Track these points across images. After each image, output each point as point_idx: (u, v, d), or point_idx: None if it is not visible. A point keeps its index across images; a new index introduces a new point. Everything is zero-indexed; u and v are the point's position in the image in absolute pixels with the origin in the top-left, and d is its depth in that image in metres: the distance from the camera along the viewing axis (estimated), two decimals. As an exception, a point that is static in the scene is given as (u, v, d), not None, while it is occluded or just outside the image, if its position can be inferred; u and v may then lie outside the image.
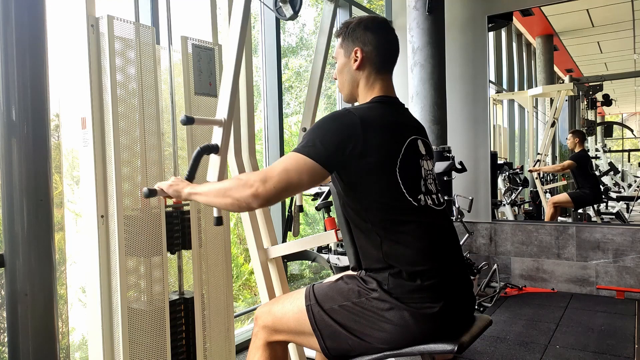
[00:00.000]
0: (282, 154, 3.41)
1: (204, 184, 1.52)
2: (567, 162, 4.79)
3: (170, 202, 1.90)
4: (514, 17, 4.69)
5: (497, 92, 5.15)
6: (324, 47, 2.29)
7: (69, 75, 1.83)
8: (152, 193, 1.57)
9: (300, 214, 2.58)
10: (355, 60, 1.50)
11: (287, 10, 2.19)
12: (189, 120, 1.66)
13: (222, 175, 1.76)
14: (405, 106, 1.57)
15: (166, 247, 1.85)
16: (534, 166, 4.93)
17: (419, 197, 1.40)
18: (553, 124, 4.88)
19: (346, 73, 1.54)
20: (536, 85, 5.27)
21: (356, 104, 1.57)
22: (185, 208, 1.95)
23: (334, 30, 2.24)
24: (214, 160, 1.74)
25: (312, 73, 2.32)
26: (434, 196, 1.46)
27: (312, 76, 2.33)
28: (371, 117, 1.40)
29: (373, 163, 1.35)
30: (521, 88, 5.54)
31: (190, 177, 1.64)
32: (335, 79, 1.60)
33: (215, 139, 1.75)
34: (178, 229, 1.92)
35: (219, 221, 1.72)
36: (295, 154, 1.33)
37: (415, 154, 1.45)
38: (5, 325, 1.61)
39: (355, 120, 1.36)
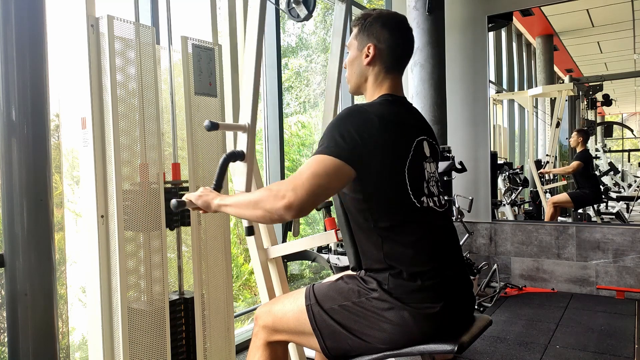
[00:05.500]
0: (282, 154, 3.41)
1: (233, 195, 1.45)
2: (575, 163, 4.72)
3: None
4: (514, 17, 4.69)
5: (497, 92, 5.15)
6: (338, 49, 2.18)
7: (69, 75, 1.83)
8: (180, 205, 1.50)
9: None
10: (367, 56, 1.48)
11: (301, 11, 2.15)
12: (213, 126, 1.58)
13: (250, 183, 1.69)
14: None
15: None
16: (543, 168, 4.91)
17: (422, 199, 1.40)
18: (558, 125, 4.87)
19: (356, 66, 1.52)
20: (536, 85, 5.27)
21: (361, 97, 1.53)
22: (184, 185, 1.91)
23: (348, 28, 2.13)
24: (240, 168, 1.68)
25: (328, 78, 2.22)
26: (435, 198, 1.45)
27: (329, 81, 2.22)
28: (386, 115, 1.38)
29: (385, 162, 1.34)
30: (521, 88, 5.54)
31: (218, 187, 1.57)
32: (345, 67, 1.58)
33: (240, 145, 1.68)
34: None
35: (249, 231, 1.68)
36: (318, 156, 1.28)
37: (421, 155, 1.44)
38: (5, 325, 1.61)
39: (371, 117, 1.34)
